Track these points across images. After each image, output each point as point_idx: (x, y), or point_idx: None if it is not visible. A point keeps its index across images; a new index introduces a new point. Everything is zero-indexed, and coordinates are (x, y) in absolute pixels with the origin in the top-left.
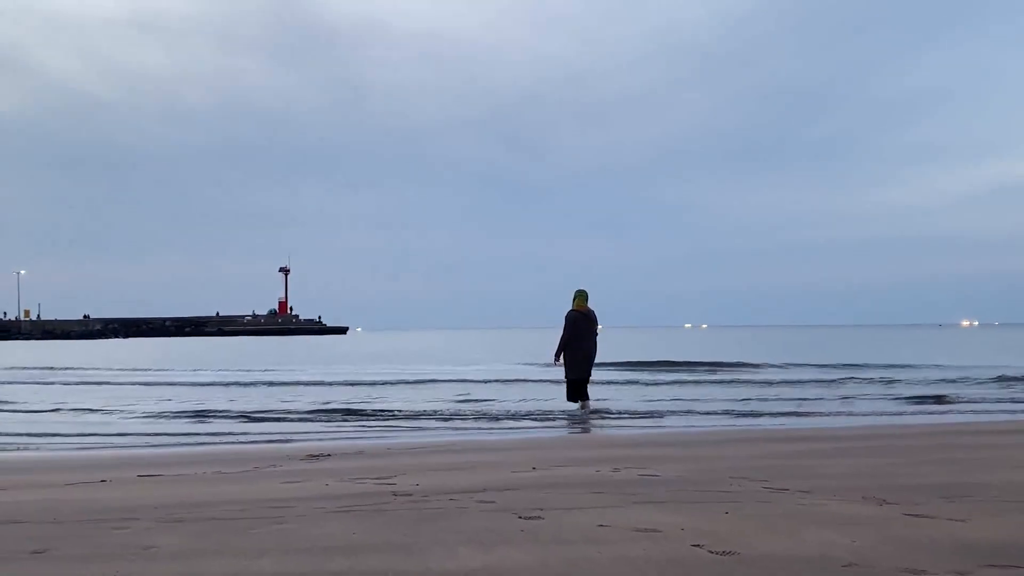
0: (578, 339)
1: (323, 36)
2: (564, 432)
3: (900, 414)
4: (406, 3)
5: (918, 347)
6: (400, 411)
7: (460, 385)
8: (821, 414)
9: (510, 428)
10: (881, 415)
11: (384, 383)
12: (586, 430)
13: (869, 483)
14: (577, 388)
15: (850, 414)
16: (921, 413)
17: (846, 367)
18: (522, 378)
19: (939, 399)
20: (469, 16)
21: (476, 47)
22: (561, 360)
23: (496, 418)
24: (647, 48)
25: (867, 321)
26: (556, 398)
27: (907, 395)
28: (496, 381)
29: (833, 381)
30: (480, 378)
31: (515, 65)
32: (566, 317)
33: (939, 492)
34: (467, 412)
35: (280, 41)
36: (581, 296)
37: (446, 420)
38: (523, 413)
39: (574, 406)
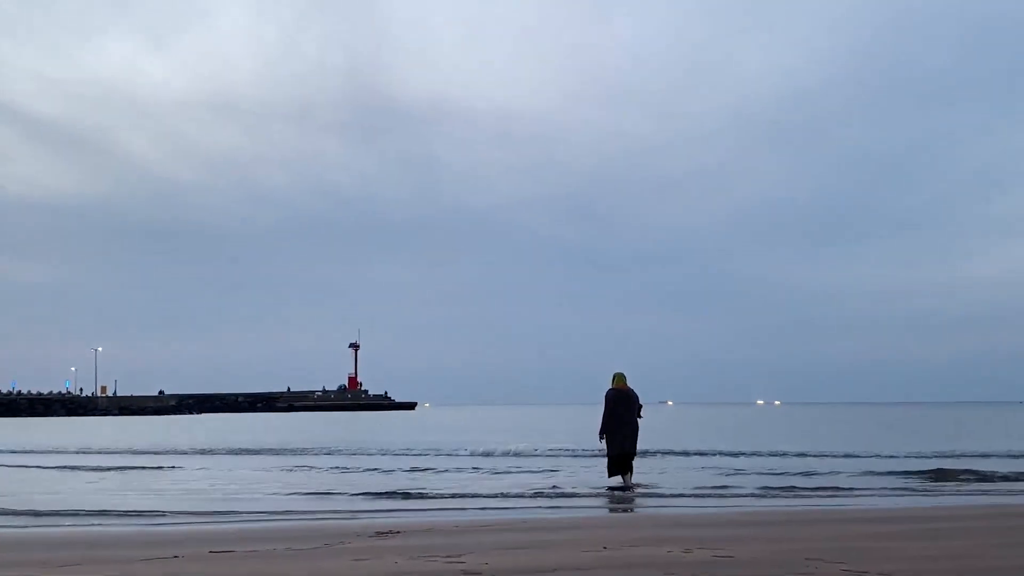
0: (617, 417)
1: (398, 116)
2: (630, 510)
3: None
4: (479, 83)
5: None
6: (465, 489)
7: (520, 462)
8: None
9: (572, 506)
10: (967, 495)
11: (449, 459)
12: (632, 506)
13: (952, 566)
14: (617, 464)
15: (926, 493)
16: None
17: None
18: (582, 455)
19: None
20: (541, 94)
21: (548, 124)
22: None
23: (558, 495)
24: (719, 122)
25: (946, 398)
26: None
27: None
28: (555, 458)
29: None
30: (539, 455)
31: (587, 141)
32: (605, 396)
33: None
34: (530, 489)
35: (356, 122)
36: (619, 377)
37: (510, 497)
38: (581, 491)
39: (615, 481)
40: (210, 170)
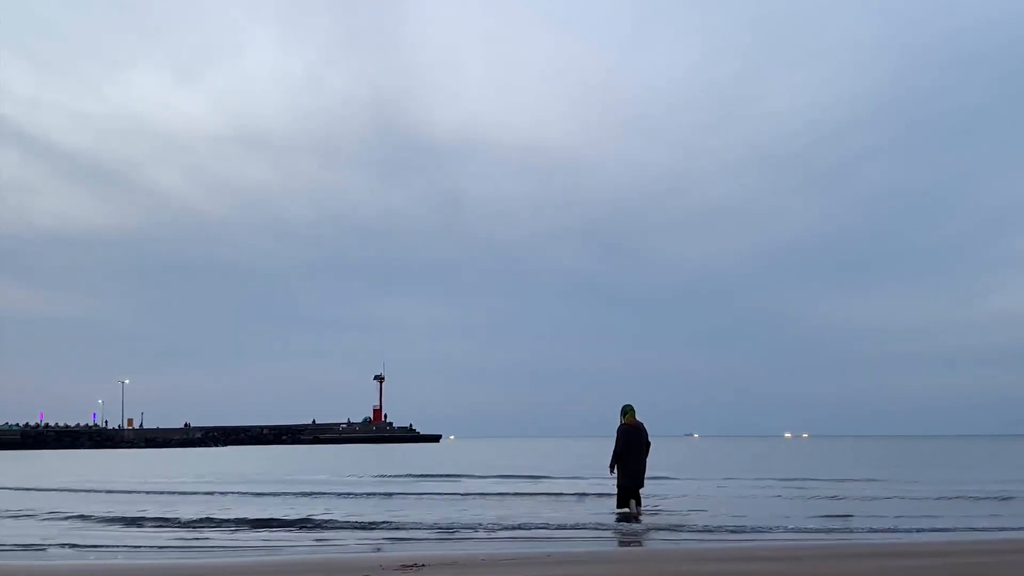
0: (628, 451)
1: (425, 151)
2: (651, 543)
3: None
4: (505, 117)
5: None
6: (486, 521)
7: (541, 494)
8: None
9: (590, 538)
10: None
11: (475, 493)
12: (657, 541)
13: None
14: (626, 495)
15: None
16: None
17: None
18: (606, 492)
19: None
20: (567, 128)
21: (573, 158)
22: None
23: (580, 528)
24: (744, 158)
25: (972, 431)
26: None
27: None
28: (575, 494)
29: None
30: (558, 488)
31: (612, 175)
32: (617, 431)
33: None
34: (552, 522)
35: (382, 156)
36: (630, 411)
37: (530, 530)
38: (602, 524)
39: (624, 511)
40: (237, 204)
